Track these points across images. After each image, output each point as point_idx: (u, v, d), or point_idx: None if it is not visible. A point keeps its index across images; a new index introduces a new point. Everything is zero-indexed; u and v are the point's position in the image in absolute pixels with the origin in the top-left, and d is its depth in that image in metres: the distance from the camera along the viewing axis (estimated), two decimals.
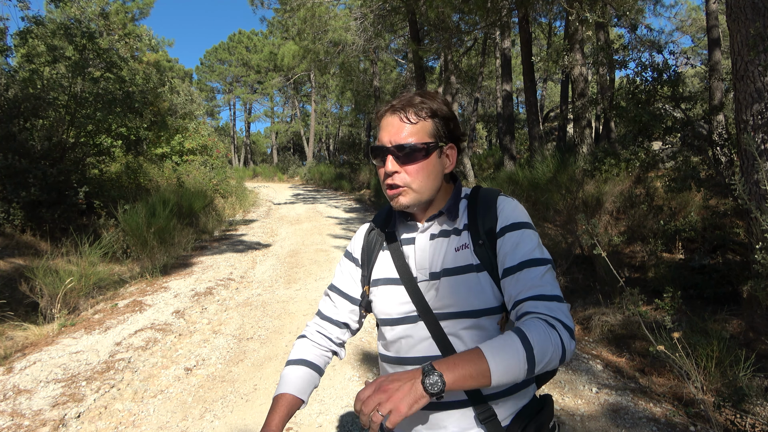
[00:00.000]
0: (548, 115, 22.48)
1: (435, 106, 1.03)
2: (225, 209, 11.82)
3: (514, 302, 0.93)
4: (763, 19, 3.10)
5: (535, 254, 0.96)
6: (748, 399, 2.43)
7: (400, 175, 1.01)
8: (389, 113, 1.04)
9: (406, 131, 1.01)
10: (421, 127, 1.02)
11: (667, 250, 5.41)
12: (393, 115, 1.03)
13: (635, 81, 5.15)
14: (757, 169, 3.11)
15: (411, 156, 1.00)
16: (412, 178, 1.01)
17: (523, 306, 0.91)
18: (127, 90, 7.80)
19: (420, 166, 1.01)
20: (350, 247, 1.21)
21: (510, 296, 0.95)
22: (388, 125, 1.03)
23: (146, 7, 17.01)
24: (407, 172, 1.01)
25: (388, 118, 1.03)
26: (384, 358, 1.12)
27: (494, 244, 1.01)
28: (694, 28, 16.25)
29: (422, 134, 1.01)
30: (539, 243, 0.99)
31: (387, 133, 1.02)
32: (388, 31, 14.03)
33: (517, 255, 0.96)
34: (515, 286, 0.94)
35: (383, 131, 1.03)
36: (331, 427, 2.73)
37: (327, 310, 1.20)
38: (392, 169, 1.00)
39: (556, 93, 27.31)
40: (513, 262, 0.96)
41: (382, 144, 1.02)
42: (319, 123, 35.48)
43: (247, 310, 4.82)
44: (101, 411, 2.92)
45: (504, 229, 1.00)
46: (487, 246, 1.01)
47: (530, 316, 0.88)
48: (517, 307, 0.92)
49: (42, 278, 4.40)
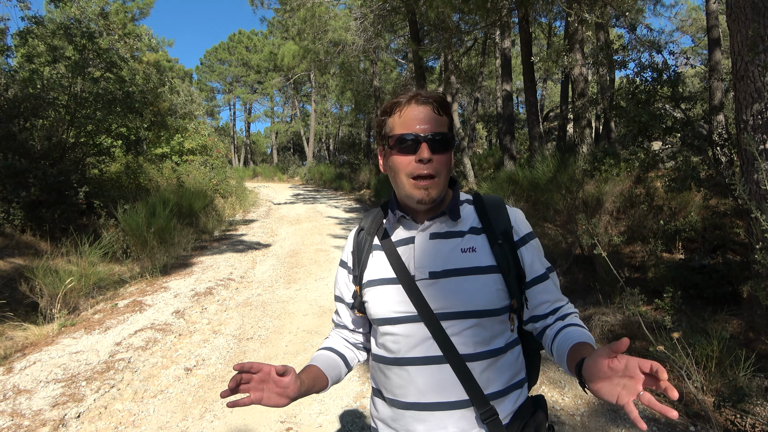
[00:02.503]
0: (548, 115, 22.47)
1: (448, 105, 1.05)
2: (225, 209, 11.82)
3: (556, 307, 1.07)
4: (763, 19, 3.10)
5: (547, 261, 1.10)
6: (748, 399, 2.43)
7: (433, 164, 0.99)
8: (415, 103, 1.01)
9: (438, 122, 1.01)
10: (444, 121, 1.03)
11: (667, 250, 5.41)
12: (422, 105, 1.01)
13: (635, 81, 5.14)
14: (757, 169, 3.11)
15: (442, 146, 1.00)
16: (442, 169, 1.01)
17: (564, 308, 1.07)
18: (127, 90, 7.80)
19: (447, 157, 1.03)
20: (343, 254, 1.21)
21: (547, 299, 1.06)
22: (418, 114, 1.00)
23: (146, 7, 17.02)
24: (438, 162, 1.00)
25: (415, 108, 1.01)
26: (379, 359, 1.09)
27: (513, 246, 1.04)
28: (694, 28, 16.25)
29: (446, 128, 1.03)
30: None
31: (417, 121, 1.00)
32: (388, 31, 14.04)
33: (541, 263, 1.08)
34: (550, 292, 1.07)
35: (411, 120, 1.00)
36: (331, 427, 2.73)
37: (337, 320, 1.23)
38: (428, 155, 0.98)
39: (556, 93, 27.30)
40: (541, 269, 1.07)
41: (413, 132, 0.99)
42: (319, 123, 35.48)
43: (247, 310, 4.82)
44: (101, 411, 2.92)
45: (525, 237, 1.08)
46: (506, 247, 1.03)
47: (572, 315, 1.06)
48: (560, 310, 1.07)
49: (42, 278, 4.40)
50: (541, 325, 1.06)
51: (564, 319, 1.03)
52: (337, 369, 1.15)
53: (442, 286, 1.01)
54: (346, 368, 1.18)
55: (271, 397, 0.94)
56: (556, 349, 0.98)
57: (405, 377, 1.02)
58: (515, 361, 1.06)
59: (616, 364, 0.72)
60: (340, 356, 1.18)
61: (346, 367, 1.18)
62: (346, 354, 1.19)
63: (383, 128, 1.06)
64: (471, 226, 1.06)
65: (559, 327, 1.01)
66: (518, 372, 1.07)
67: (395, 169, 1.03)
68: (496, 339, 1.02)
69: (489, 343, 1.01)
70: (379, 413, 1.11)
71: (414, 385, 1.01)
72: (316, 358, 1.14)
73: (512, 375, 1.04)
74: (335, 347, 1.19)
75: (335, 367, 1.15)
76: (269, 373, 0.94)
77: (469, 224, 1.06)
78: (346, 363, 1.18)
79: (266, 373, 0.94)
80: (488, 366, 1.00)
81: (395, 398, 1.05)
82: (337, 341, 1.21)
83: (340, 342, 1.21)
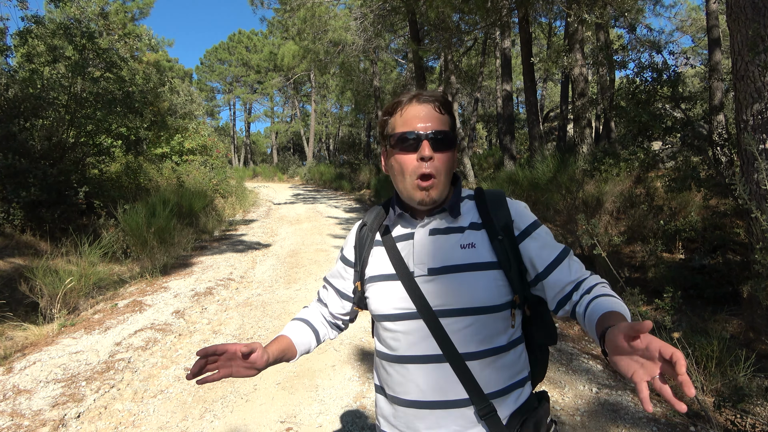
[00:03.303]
0: (548, 115, 22.47)
1: (450, 104, 1.05)
2: (225, 209, 11.82)
3: (578, 281, 1.02)
4: (763, 19, 3.10)
5: (560, 244, 1.07)
6: (748, 399, 2.43)
7: (433, 163, 0.99)
8: (416, 102, 1.02)
9: (439, 120, 1.01)
10: (446, 120, 1.03)
11: (667, 250, 5.42)
12: (423, 104, 1.02)
13: (635, 81, 5.15)
14: (757, 169, 3.11)
15: (444, 145, 1.00)
16: (443, 167, 1.01)
17: (587, 281, 1.02)
18: (127, 90, 7.80)
19: (449, 155, 1.02)
20: (344, 247, 1.22)
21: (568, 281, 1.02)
22: (419, 113, 1.01)
23: (146, 7, 17.01)
24: (439, 161, 1.00)
25: (416, 106, 1.02)
26: (382, 356, 1.10)
27: (513, 241, 1.03)
28: (694, 28, 16.24)
29: (448, 126, 1.03)
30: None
31: (419, 120, 1.00)
32: (388, 31, 14.04)
33: (554, 248, 1.05)
34: (570, 272, 1.02)
35: (412, 119, 1.01)
36: (331, 427, 2.73)
37: (323, 295, 1.27)
38: (429, 153, 0.98)
39: (556, 93, 27.30)
40: (553, 254, 1.04)
41: (415, 131, 1.00)
42: (319, 123, 35.48)
43: (247, 310, 4.82)
44: (101, 411, 2.92)
45: (527, 230, 1.05)
46: (506, 242, 1.02)
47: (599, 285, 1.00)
48: (583, 284, 1.02)
49: (42, 278, 4.40)
50: (570, 306, 1.00)
51: (590, 292, 0.98)
52: (308, 342, 1.20)
53: (440, 282, 1.01)
54: (316, 342, 1.23)
55: (240, 371, 1.01)
56: (588, 325, 0.93)
57: (405, 375, 1.02)
58: (518, 359, 1.06)
59: (637, 343, 0.70)
60: (313, 330, 1.22)
61: (316, 341, 1.22)
62: (320, 330, 1.23)
63: (385, 128, 1.07)
64: (471, 222, 1.06)
65: (587, 301, 0.96)
66: (520, 370, 1.06)
67: (397, 168, 1.03)
68: (497, 337, 1.01)
69: (490, 341, 1.00)
70: (382, 410, 1.12)
71: (414, 383, 1.01)
72: (289, 328, 1.19)
73: (514, 373, 1.04)
74: (311, 320, 1.23)
75: (306, 340, 1.19)
76: (235, 353, 0.99)
77: (469, 220, 1.06)
78: (317, 338, 1.23)
79: (232, 353, 0.99)
80: (489, 365, 1.00)
81: (396, 395, 1.05)
82: (314, 315, 1.25)
83: (317, 317, 1.25)
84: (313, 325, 1.23)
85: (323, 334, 1.24)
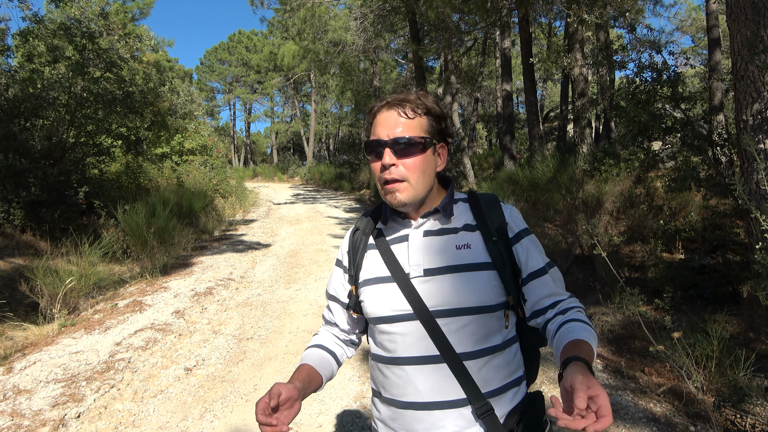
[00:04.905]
0: (548, 115, 22.47)
1: (429, 104, 1.05)
2: (225, 209, 11.82)
3: (555, 301, 1.04)
4: (763, 19, 3.10)
5: (546, 258, 1.08)
6: (748, 399, 2.43)
7: (398, 169, 1.00)
8: (385, 109, 1.04)
9: (404, 126, 1.02)
10: (417, 123, 1.03)
11: (667, 250, 5.41)
12: (389, 110, 1.03)
13: (635, 81, 5.15)
14: (757, 169, 3.11)
15: (408, 150, 1.01)
16: (409, 173, 1.01)
17: (565, 302, 1.04)
18: (127, 90, 7.80)
19: (417, 160, 1.01)
20: (339, 254, 1.22)
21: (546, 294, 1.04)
22: (384, 120, 1.03)
23: (146, 7, 17.01)
24: (404, 166, 1.01)
25: (384, 113, 1.03)
26: (378, 358, 1.09)
27: (508, 243, 1.04)
28: (694, 28, 16.23)
29: (419, 130, 1.03)
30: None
31: (384, 127, 1.02)
32: (388, 31, 14.03)
33: (539, 258, 1.06)
34: (549, 286, 1.04)
35: (379, 126, 1.03)
36: (331, 427, 2.73)
37: (329, 317, 1.24)
38: (390, 161, 0.99)
39: (556, 93, 27.29)
40: (538, 265, 1.05)
41: (379, 138, 1.02)
42: (319, 123, 35.47)
43: (247, 310, 4.82)
44: (101, 411, 2.92)
45: (520, 234, 1.07)
46: (501, 244, 1.03)
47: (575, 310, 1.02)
48: (560, 304, 1.04)
49: (42, 278, 4.40)
50: (543, 320, 1.04)
51: (565, 314, 1.01)
52: (330, 366, 1.16)
53: (437, 283, 1.01)
54: (337, 365, 1.19)
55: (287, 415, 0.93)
56: (555, 345, 0.96)
57: (403, 377, 1.02)
58: (513, 358, 1.06)
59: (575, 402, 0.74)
60: (330, 353, 1.18)
61: (336, 364, 1.19)
62: (336, 351, 1.20)
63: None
64: (465, 223, 1.06)
65: (559, 322, 0.99)
66: (516, 369, 1.07)
67: (373, 173, 1.06)
68: (492, 336, 1.02)
69: (485, 341, 1.01)
70: (379, 413, 1.12)
71: (412, 384, 1.01)
72: (308, 357, 1.15)
73: (510, 372, 1.04)
74: (325, 344, 1.20)
75: (327, 364, 1.16)
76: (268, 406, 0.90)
77: (463, 221, 1.07)
78: (336, 360, 1.19)
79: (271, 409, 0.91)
80: (485, 364, 1.00)
81: (393, 398, 1.05)
82: (327, 338, 1.22)
83: (329, 339, 1.22)
84: (328, 348, 1.19)
85: (341, 354, 1.21)
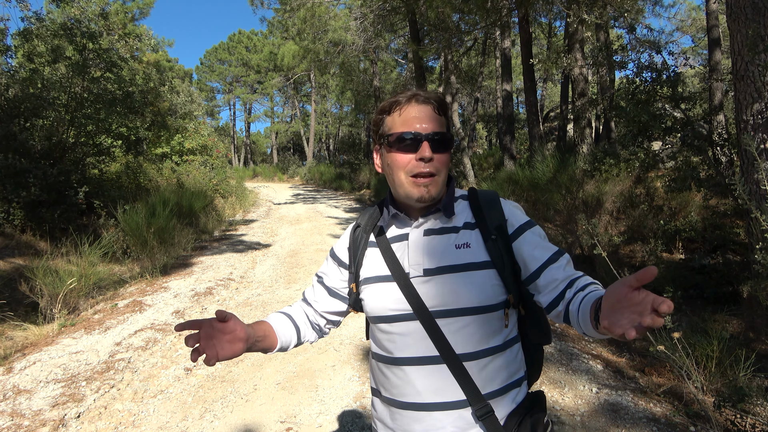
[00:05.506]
0: (548, 115, 22.47)
1: (446, 106, 1.06)
2: (225, 209, 11.82)
3: (571, 280, 0.98)
4: (763, 19, 3.10)
5: (554, 246, 1.05)
6: (748, 399, 2.43)
7: (433, 163, 1.00)
8: (415, 102, 1.03)
9: (438, 122, 1.02)
10: (444, 121, 1.04)
11: (667, 250, 5.42)
12: (423, 105, 1.02)
13: (635, 81, 5.15)
14: (757, 169, 3.11)
15: (442, 145, 1.01)
16: (441, 168, 1.02)
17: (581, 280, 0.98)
18: (127, 90, 7.80)
19: (447, 156, 1.03)
20: (336, 246, 1.20)
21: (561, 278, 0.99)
22: (418, 113, 1.02)
23: (146, 7, 17.00)
24: (438, 161, 1.01)
25: (415, 107, 1.02)
26: (378, 358, 1.09)
27: (507, 240, 1.03)
28: (694, 28, 16.24)
29: (446, 127, 1.04)
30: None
31: (418, 120, 1.01)
32: (388, 31, 14.04)
33: (546, 247, 1.03)
34: (563, 271, 0.99)
35: (412, 119, 1.01)
36: (331, 427, 2.73)
37: (309, 295, 1.22)
38: (430, 155, 0.99)
39: (556, 93, 27.30)
40: (546, 254, 1.01)
41: (414, 131, 1.00)
42: (319, 123, 35.47)
43: (247, 310, 4.82)
44: (101, 411, 2.92)
45: (520, 228, 1.04)
46: (500, 242, 1.02)
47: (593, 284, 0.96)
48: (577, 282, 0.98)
49: (42, 278, 4.40)
50: (563, 306, 0.95)
51: (584, 290, 0.93)
52: (289, 337, 1.14)
53: (436, 282, 1.00)
54: (297, 341, 1.17)
55: (225, 347, 0.93)
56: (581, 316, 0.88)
57: (402, 377, 1.02)
58: (514, 359, 1.06)
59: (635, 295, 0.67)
60: (295, 327, 1.16)
61: (296, 340, 1.16)
62: (302, 328, 1.18)
63: (381, 127, 1.07)
64: (465, 222, 1.06)
65: (581, 297, 0.91)
66: (517, 370, 1.06)
67: (394, 167, 1.03)
68: (493, 336, 1.01)
69: (486, 341, 1.00)
70: (378, 413, 1.11)
71: (411, 385, 1.01)
72: (272, 318, 1.14)
73: (510, 373, 1.04)
74: (294, 317, 1.18)
75: (288, 334, 1.14)
76: (211, 325, 0.93)
77: (463, 219, 1.06)
78: (299, 336, 1.17)
79: (209, 327, 0.93)
80: (486, 365, 1.00)
81: (393, 398, 1.05)
82: (298, 313, 1.20)
83: (301, 315, 1.20)
84: (295, 322, 1.17)
85: (304, 333, 1.18)
